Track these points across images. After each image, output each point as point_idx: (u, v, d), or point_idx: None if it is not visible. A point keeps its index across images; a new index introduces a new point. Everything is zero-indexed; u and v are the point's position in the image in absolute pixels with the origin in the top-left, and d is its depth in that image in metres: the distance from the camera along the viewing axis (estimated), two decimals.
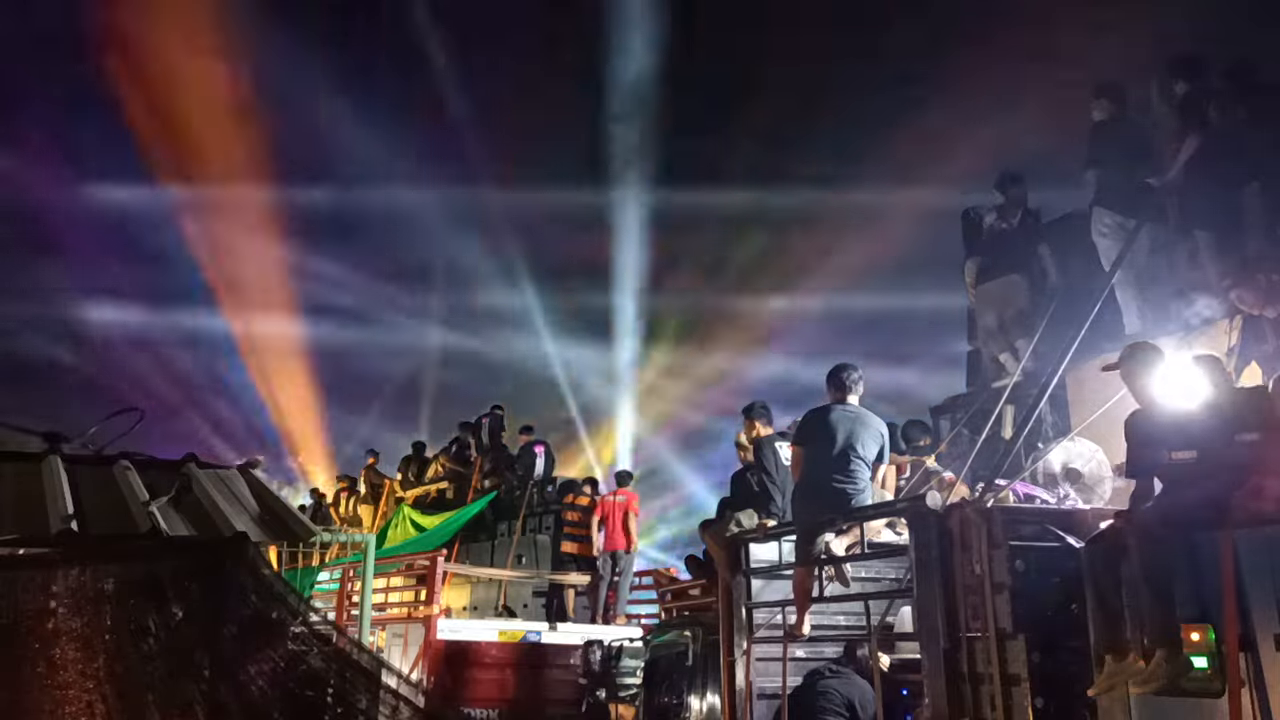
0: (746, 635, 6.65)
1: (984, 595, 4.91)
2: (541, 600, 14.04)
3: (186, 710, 3.03)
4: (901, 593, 5.90)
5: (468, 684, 11.09)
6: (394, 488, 18.58)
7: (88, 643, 3.03)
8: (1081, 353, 6.42)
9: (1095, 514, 5.17)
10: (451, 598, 13.82)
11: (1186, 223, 7.36)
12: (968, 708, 4.93)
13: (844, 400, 6.65)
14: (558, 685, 11.48)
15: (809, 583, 6.39)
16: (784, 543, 6.78)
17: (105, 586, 3.10)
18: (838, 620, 6.75)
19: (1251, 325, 6.21)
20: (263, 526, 3.95)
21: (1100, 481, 5.93)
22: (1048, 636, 4.78)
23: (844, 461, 6.38)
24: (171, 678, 3.07)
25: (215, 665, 3.10)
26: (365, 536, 11.40)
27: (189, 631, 3.12)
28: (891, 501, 6.87)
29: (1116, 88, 8.06)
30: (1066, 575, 4.88)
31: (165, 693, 3.05)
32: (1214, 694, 4.10)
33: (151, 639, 3.09)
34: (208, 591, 3.17)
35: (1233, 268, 6.68)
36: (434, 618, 11.24)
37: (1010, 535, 4.92)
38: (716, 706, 7.16)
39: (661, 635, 8.62)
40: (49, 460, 3.87)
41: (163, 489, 3.86)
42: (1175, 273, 7.62)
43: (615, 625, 12.51)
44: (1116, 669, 4.40)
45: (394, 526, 15.61)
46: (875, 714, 5.95)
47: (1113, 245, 7.52)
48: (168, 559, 3.29)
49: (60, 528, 3.44)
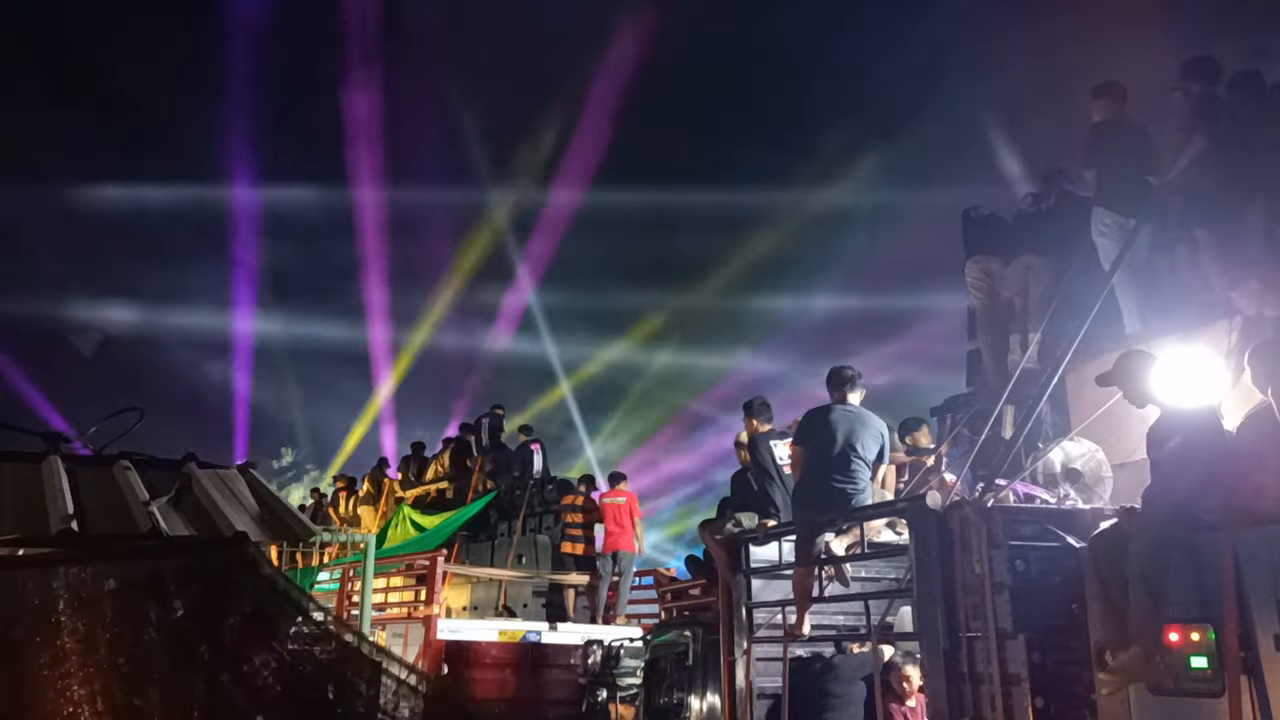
0: (746, 635, 6.65)
1: (984, 595, 4.91)
2: (541, 600, 14.04)
3: (188, 707, 3.03)
4: (901, 593, 5.90)
5: (468, 684, 11.09)
6: (394, 488, 18.58)
7: (89, 641, 3.03)
8: (1081, 353, 6.42)
9: (1095, 514, 5.18)
10: (451, 598, 13.81)
11: (1187, 223, 7.35)
12: (968, 708, 4.93)
13: (844, 400, 6.66)
14: (558, 685, 11.48)
15: (809, 583, 6.39)
16: (784, 543, 6.78)
17: (106, 586, 3.10)
18: (838, 620, 6.75)
19: (1252, 325, 6.21)
20: (263, 526, 3.95)
21: (1100, 481, 5.92)
22: (1048, 636, 4.78)
23: (844, 461, 6.38)
24: (173, 675, 3.07)
25: (217, 661, 3.10)
26: (365, 536, 11.42)
27: (190, 629, 3.12)
28: (891, 501, 6.87)
29: (1116, 87, 8.05)
30: (1066, 575, 4.89)
31: (166, 690, 3.05)
32: (1214, 694, 4.10)
33: (152, 637, 3.09)
34: (208, 590, 3.17)
35: (1233, 268, 6.67)
36: (434, 618, 11.24)
37: (1010, 535, 4.92)
38: (716, 706, 7.16)
39: (661, 635, 8.62)
40: (49, 460, 3.87)
41: (163, 489, 3.86)
42: (1175, 273, 7.60)
43: (615, 625, 12.51)
44: (1118, 665, 4.42)
45: (394, 526, 15.61)
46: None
47: (1113, 245, 7.51)
48: (168, 558, 3.29)
49: (60, 527, 3.44)
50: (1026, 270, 8.65)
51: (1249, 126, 7.19)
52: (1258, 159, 6.96)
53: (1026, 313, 8.61)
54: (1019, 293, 8.75)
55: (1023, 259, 8.68)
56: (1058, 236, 8.49)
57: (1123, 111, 7.95)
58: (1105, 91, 8.00)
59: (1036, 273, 8.57)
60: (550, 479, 16.41)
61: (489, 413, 18.06)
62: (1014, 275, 8.79)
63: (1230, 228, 6.99)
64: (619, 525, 13.11)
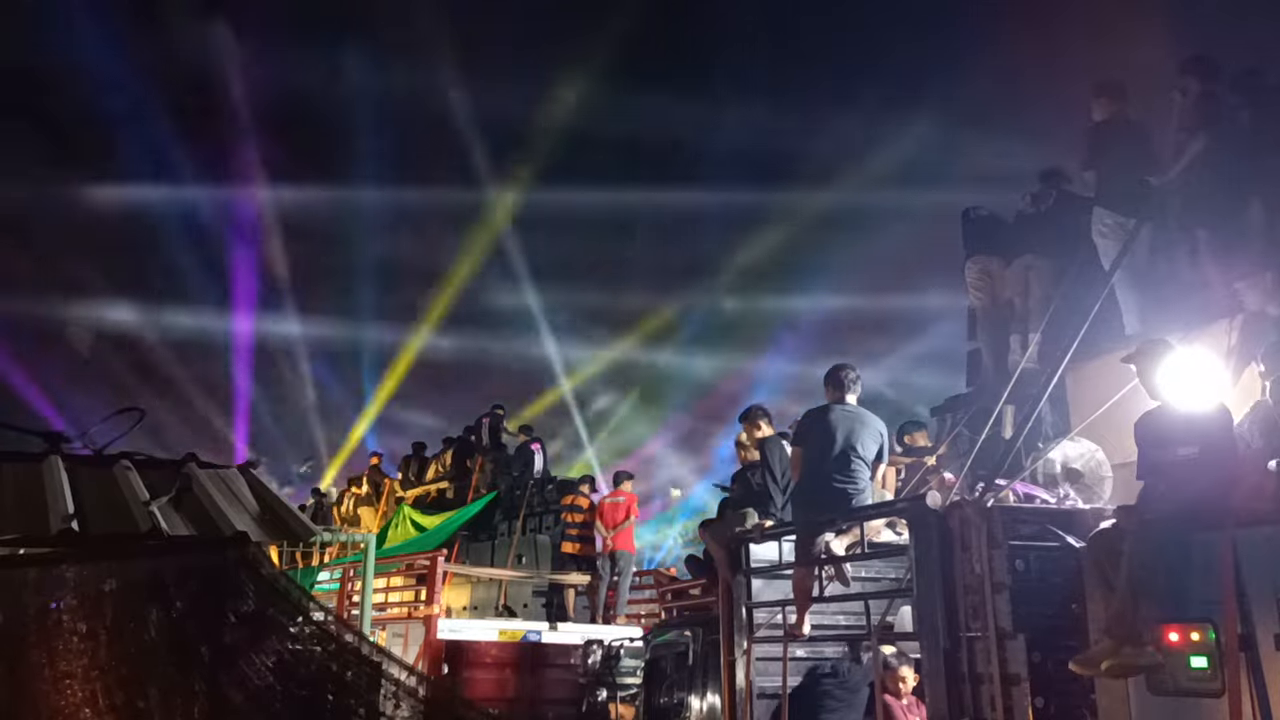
0: (747, 635, 6.65)
1: (984, 595, 4.91)
2: (541, 600, 14.04)
3: (188, 707, 3.03)
4: (901, 593, 5.89)
5: (468, 684, 11.09)
6: (394, 488, 18.59)
7: (89, 640, 3.03)
8: (1081, 353, 6.41)
9: (1095, 514, 5.18)
10: (452, 597, 13.81)
11: (1187, 222, 7.35)
12: (968, 708, 4.93)
13: (842, 400, 6.65)
14: (558, 685, 11.49)
15: (809, 582, 6.38)
16: (784, 543, 6.78)
17: (106, 586, 3.10)
18: (838, 620, 6.75)
19: (1252, 325, 6.20)
20: (263, 526, 3.94)
21: (1100, 481, 5.92)
22: (1048, 636, 4.78)
23: (844, 461, 6.38)
24: (173, 674, 3.07)
25: (217, 661, 3.10)
26: (365, 536, 11.43)
27: (190, 628, 3.12)
28: (891, 501, 6.87)
29: (1117, 86, 8.05)
30: (1066, 575, 4.89)
31: (166, 690, 3.05)
32: (1214, 694, 4.10)
33: (152, 637, 3.09)
34: (208, 590, 3.17)
35: (1238, 264, 6.67)
36: (434, 617, 11.24)
37: (1010, 535, 4.93)
38: (716, 706, 7.16)
39: (661, 635, 8.62)
40: (49, 460, 3.87)
41: (163, 489, 3.85)
42: (1175, 273, 7.60)
43: (615, 625, 12.51)
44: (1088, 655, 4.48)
45: (394, 526, 15.61)
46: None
47: (1113, 245, 7.51)
48: (168, 558, 3.29)
49: (61, 527, 3.44)
50: (1026, 270, 8.65)
51: (1249, 126, 7.19)
52: (1258, 159, 6.96)
53: (1026, 313, 8.61)
54: (1019, 293, 8.74)
55: (1023, 259, 8.68)
56: (1058, 236, 8.49)
57: (1123, 111, 7.95)
58: (1105, 91, 8.00)
59: (1036, 273, 8.57)
60: (551, 479, 16.42)
61: (489, 412, 18.06)
62: (1014, 275, 8.79)
63: (1230, 227, 6.99)
64: (617, 526, 13.12)
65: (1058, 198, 8.77)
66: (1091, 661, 4.41)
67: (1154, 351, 5.00)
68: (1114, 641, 4.32)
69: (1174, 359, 4.98)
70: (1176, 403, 4.83)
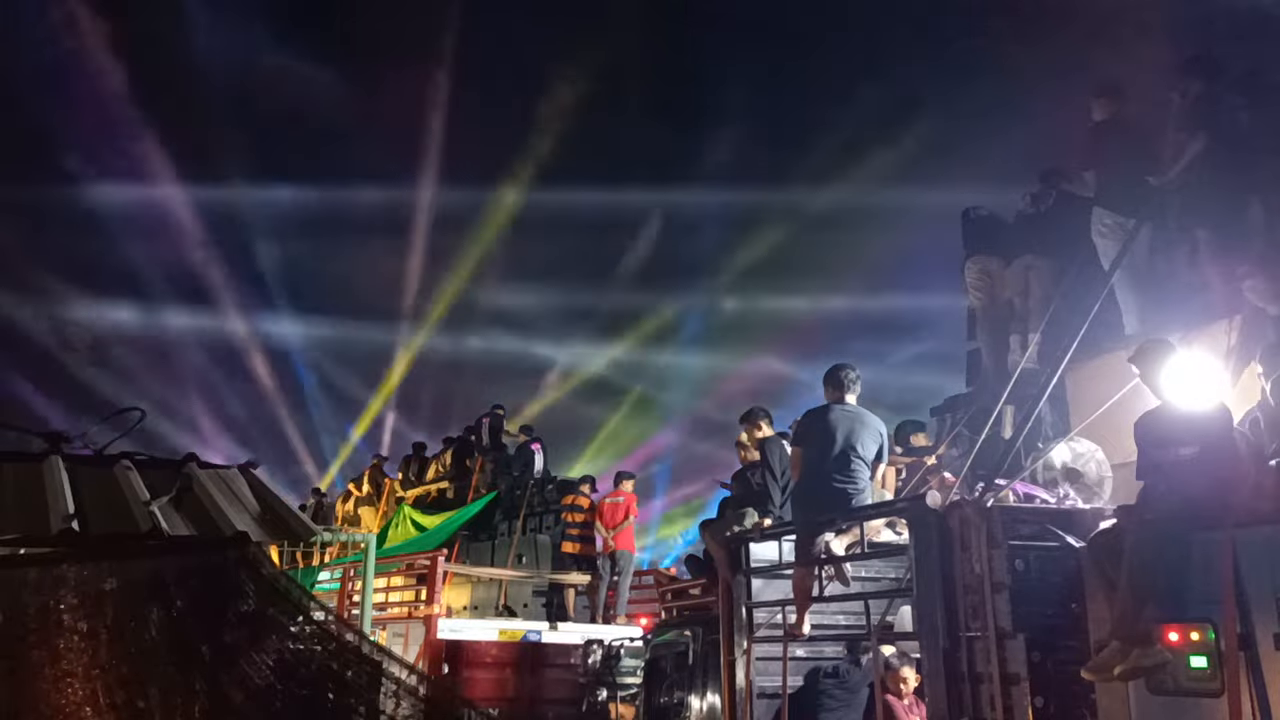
0: (747, 635, 6.65)
1: (984, 595, 4.91)
2: (542, 600, 14.05)
3: (188, 707, 3.03)
4: (901, 592, 5.90)
5: (468, 683, 11.09)
6: (394, 488, 18.60)
7: (89, 641, 3.03)
8: (1081, 353, 6.42)
9: (1095, 514, 5.18)
10: (452, 597, 13.82)
11: (1187, 222, 7.35)
12: (967, 707, 4.94)
13: (842, 400, 6.66)
14: (558, 685, 11.49)
15: (809, 582, 6.39)
16: (784, 542, 6.78)
17: (106, 586, 3.10)
18: (838, 620, 6.76)
19: (1252, 324, 6.20)
20: (263, 526, 3.94)
21: (1101, 481, 5.93)
22: (1047, 636, 4.79)
23: (844, 461, 6.38)
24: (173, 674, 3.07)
25: (217, 661, 3.10)
26: (365, 536, 11.43)
27: (190, 628, 3.12)
28: (891, 501, 6.87)
29: (1116, 86, 8.05)
30: (1066, 575, 4.89)
31: (167, 690, 3.05)
32: (1214, 694, 4.10)
33: (153, 636, 3.09)
34: (209, 590, 3.17)
35: (1238, 264, 6.67)
36: (434, 617, 11.25)
37: (1010, 535, 4.93)
38: (716, 706, 7.17)
39: (661, 635, 8.62)
40: (49, 460, 3.87)
41: (163, 489, 3.85)
42: (1175, 273, 7.60)
43: (615, 625, 12.52)
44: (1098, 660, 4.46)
45: (394, 526, 15.62)
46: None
47: (1113, 245, 7.51)
48: (169, 558, 3.29)
49: (61, 527, 3.44)
50: (1026, 270, 8.66)
51: (1249, 127, 7.19)
52: (1258, 159, 6.96)
53: (1026, 313, 8.61)
54: (1019, 293, 8.75)
55: (1023, 259, 8.69)
56: (1058, 236, 8.49)
57: (1123, 111, 7.95)
58: (1105, 91, 8.00)
59: (1036, 273, 8.58)
60: (551, 479, 16.42)
61: (489, 413, 18.07)
62: (1014, 275, 8.79)
63: (1230, 227, 6.99)
64: (617, 526, 13.13)
65: (1058, 198, 8.77)
66: (1104, 667, 4.38)
67: (1156, 351, 5.01)
68: (1123, 644, 4.30)
69: (1176, 359, 4.99)
70: (1176, 402, 4.84)
